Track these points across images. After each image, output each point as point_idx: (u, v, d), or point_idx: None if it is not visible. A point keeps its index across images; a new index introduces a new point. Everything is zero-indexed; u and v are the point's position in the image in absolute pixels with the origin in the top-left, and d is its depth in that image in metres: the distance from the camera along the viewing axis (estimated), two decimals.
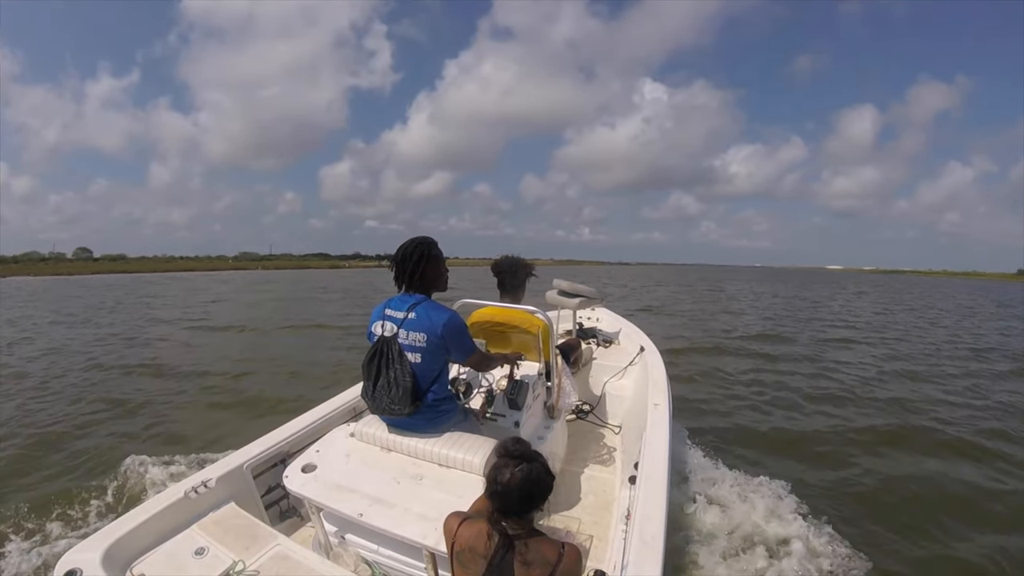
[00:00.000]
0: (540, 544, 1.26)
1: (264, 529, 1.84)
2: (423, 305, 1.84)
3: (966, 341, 11.65)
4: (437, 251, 1.89)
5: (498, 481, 1.26)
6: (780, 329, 12.48)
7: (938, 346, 10.61)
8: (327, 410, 2.61)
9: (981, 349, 10.43)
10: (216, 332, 11.15)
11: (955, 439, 4.87)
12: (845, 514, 3.28)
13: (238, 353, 8.53)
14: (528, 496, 1.26)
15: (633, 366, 3.44)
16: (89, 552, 1.57)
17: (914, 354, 9.50)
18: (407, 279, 1.86)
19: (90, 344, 9.35)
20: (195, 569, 1.61)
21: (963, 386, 7.12)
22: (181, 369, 7.21)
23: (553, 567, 1.22)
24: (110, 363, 7.64)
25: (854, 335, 11.91)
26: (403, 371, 1.79)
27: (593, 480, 2.54)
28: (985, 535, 3.24)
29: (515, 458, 1.29)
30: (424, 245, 1.87)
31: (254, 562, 1.62)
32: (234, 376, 6.79)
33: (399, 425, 1.94)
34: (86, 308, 16.17)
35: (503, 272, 2.65)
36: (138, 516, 1.75)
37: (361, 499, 1.68)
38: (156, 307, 16.88)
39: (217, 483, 1.98)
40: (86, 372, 7.14)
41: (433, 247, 1.88)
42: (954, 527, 3.31)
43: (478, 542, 1.28)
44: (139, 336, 10.44)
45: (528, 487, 1.25)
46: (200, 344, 9.65)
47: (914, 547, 3.08)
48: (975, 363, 8.90)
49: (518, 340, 2.56)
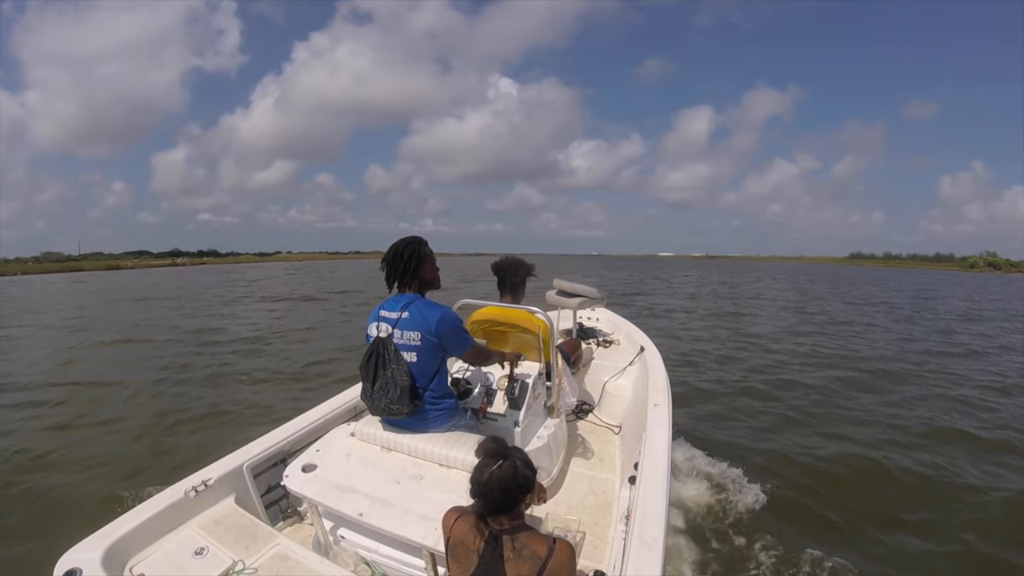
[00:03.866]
0: (529, 539, 1.26)
1: (264, 529, 1.84)
2: (416, 304, 1.85)
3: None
4: (428, 249, 1.91)
5: (478, 480, 1.29)
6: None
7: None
8: (327, 409, 2.60)
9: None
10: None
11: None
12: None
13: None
14: (507, 492, 1.27)
15: (633, 366, 3.44)
16: (89, 551, 1.57)
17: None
18: (399, 279, 1.88)
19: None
20: (195, 568, 1.61)
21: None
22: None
23: (543, 562, 1.22)
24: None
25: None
26: (400, 371, 1.80)
27: (593, 480, 2.54)
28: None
29: (492, 456, 1.31)
30: (414, 244, 1.89)
31: (254, 562, 1.62)
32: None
33: (399, 425, 1.94)
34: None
35: (503, 272, 2.65)
36: (138, 515, 1.75)
37: (361, 499, 1.68)
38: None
39: (217, 482, 1.97)
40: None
41: (424, 245, 1.90)
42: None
43: (469, 537, 1.29)
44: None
45: (506, 483, 1.27)
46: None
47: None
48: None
49: (518, 340, 2.56)
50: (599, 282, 19.68)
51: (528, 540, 1.26)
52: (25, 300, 19.93)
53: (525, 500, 1.32)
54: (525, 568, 1.22)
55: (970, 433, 4.81)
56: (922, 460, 4.16)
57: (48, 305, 17.67)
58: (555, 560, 1.23)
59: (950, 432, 4.86)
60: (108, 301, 18.51)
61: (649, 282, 28.25)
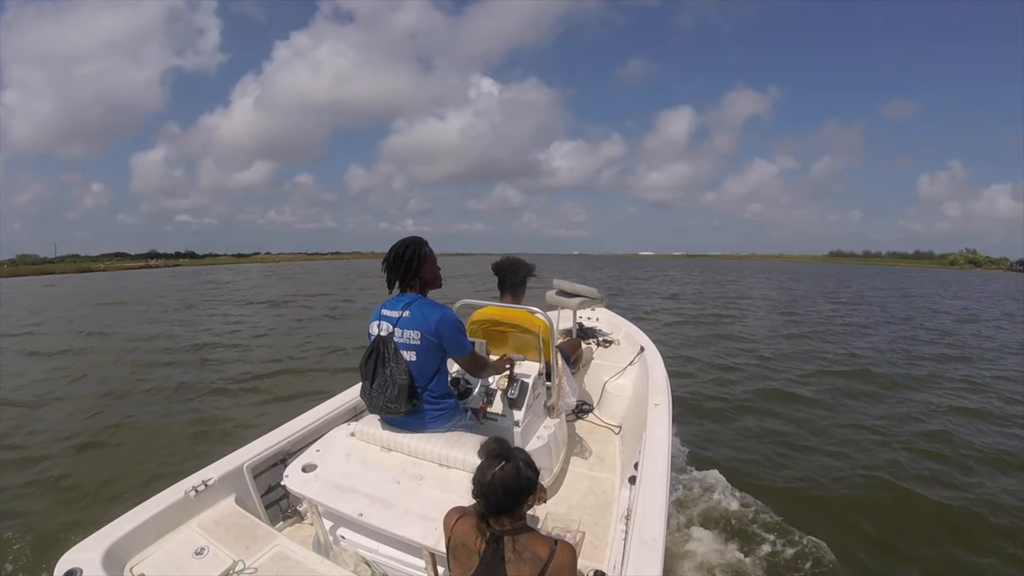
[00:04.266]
0: (530, 540, 1.26)
1: (264, 529, 1.84)
2: (417, 303, 1.87)
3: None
4: (428, 249, 1.93)
5: (480, 482, 1.29)
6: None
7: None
8: (327, 409, 2.60)
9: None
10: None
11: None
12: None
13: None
14: (510, 493, 1.27)
15: (633, 366, 3.44)
16: (89, 551, 1.57)
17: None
18: (401, 279, 1.90)
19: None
20: (195, 568, 1.61)
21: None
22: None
23: (544, 563, 1.22)
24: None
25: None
26: (399, 369, 1.81)
27: (593, 480, 2.54)
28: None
29: (495, 457, 1.31)
30: (415, 244, 1.91)
31: (254, 562, 1.62)
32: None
33: (398, 424, 1.94)
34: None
35: (504, 272, 2.65)
36: (138, 515, 1.75)
37: (361, 499, 1.68)
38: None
39: (217, 482, 1.97)
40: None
41: (424, 246, 1.92)
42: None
43: (470, 538, 1.29)
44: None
45: (508, 484, 1.27)
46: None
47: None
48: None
49: (518, 340, 2.56)
50: (581, 281, 19.46)
51: (529, 542, 1.26)
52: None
53: (527, 502, 1.32)
54: (526, 570, 1.22)
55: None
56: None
57: (8, 310, 16.11)
58: (556, 562, 1.23)
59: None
60: (69, 307, 16.72)
61: (628, 281, 27.96)
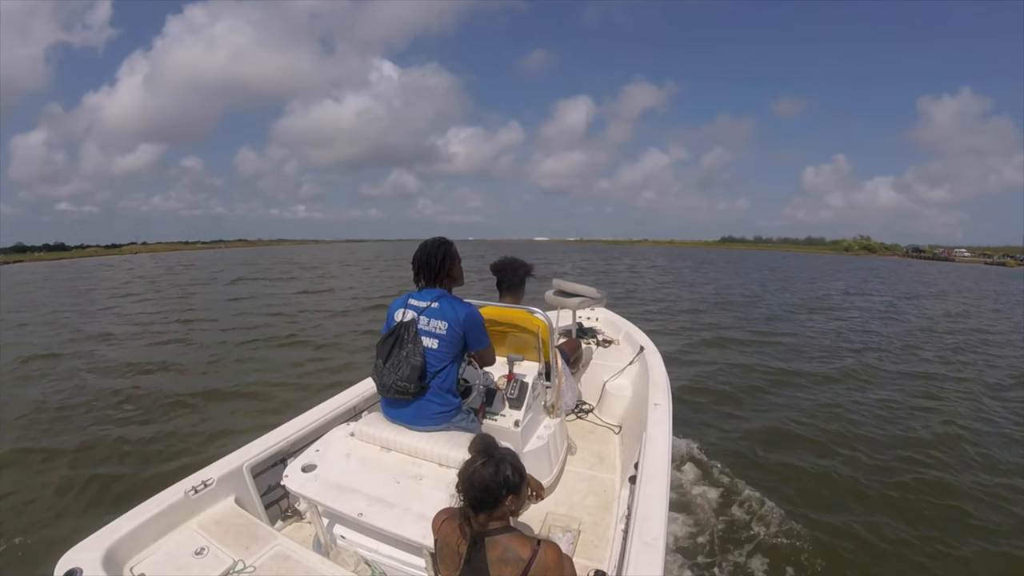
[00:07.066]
0: (512, 541, 1.25)
1: (264, 528, 1.84)
2: (446, 298, 1.99)
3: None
4: (455, 249, 2.09)
5: (461, 476, 1.30)
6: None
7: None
8: (327, 409, 2.60)
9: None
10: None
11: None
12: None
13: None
14: (487, 490, 1.26)
15: (632, 366, 3.44)
16: (89, 551, 1.57)
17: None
18: (433, 277, 2.03)
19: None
20: (195, 568, 1.61)
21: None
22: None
23: (527, 564, 1.20)
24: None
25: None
26: (415, 351, 1.90)
27: (593, 480, 2.54)
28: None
29: (479, 453, 1.32)
30: (445, 245, 2.05)
31: (254, 561, 1.62)
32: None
33: (400, 417, 1.96)
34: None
35: (503, 272, 2.65)
36: (138, 515, 1.75)
37: (361, 498, 1.68)
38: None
39: (217, 482, 1.97)
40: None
41: (452, 246, 2.08)
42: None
43: (453, 538, 1.29)
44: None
45: (486, 481, 1.26)
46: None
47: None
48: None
49: (518, 340, 2.56)
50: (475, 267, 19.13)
51: (511, 542, 1.25)
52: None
53: (507, 501, 1.29)
54: (508, 570, 1.21)
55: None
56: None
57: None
58: (539, 562, 1.21)
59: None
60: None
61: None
